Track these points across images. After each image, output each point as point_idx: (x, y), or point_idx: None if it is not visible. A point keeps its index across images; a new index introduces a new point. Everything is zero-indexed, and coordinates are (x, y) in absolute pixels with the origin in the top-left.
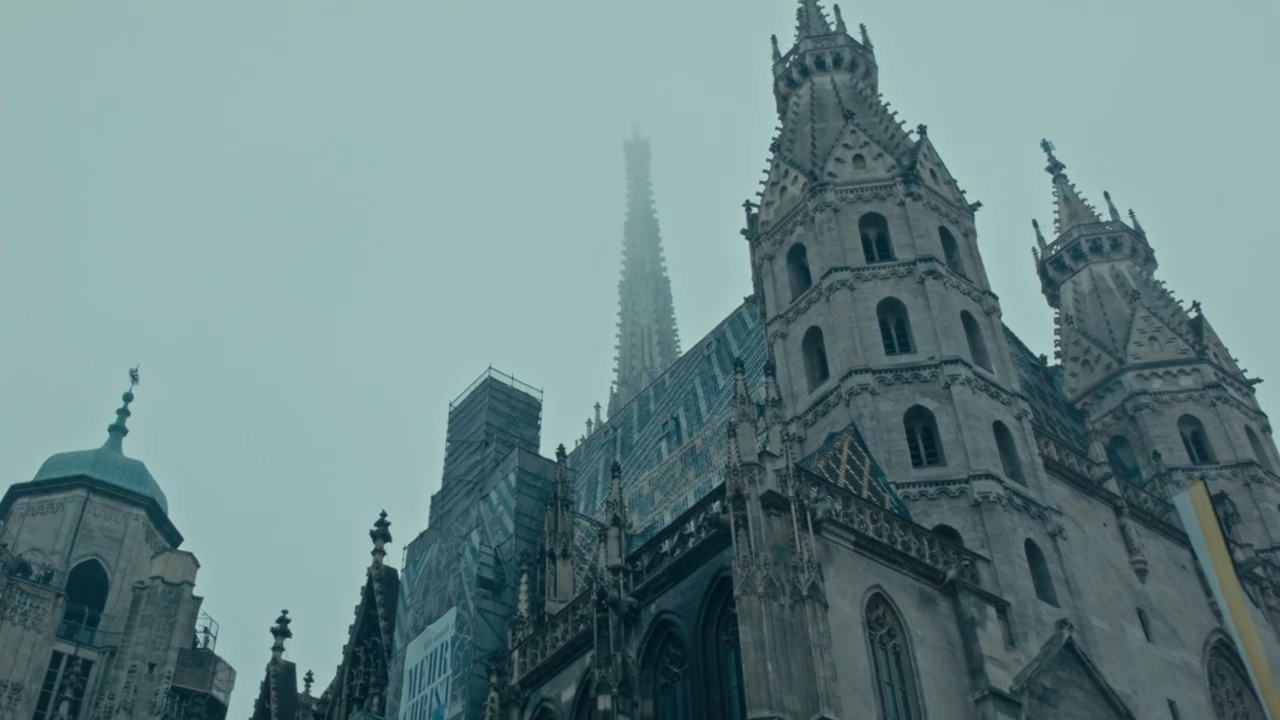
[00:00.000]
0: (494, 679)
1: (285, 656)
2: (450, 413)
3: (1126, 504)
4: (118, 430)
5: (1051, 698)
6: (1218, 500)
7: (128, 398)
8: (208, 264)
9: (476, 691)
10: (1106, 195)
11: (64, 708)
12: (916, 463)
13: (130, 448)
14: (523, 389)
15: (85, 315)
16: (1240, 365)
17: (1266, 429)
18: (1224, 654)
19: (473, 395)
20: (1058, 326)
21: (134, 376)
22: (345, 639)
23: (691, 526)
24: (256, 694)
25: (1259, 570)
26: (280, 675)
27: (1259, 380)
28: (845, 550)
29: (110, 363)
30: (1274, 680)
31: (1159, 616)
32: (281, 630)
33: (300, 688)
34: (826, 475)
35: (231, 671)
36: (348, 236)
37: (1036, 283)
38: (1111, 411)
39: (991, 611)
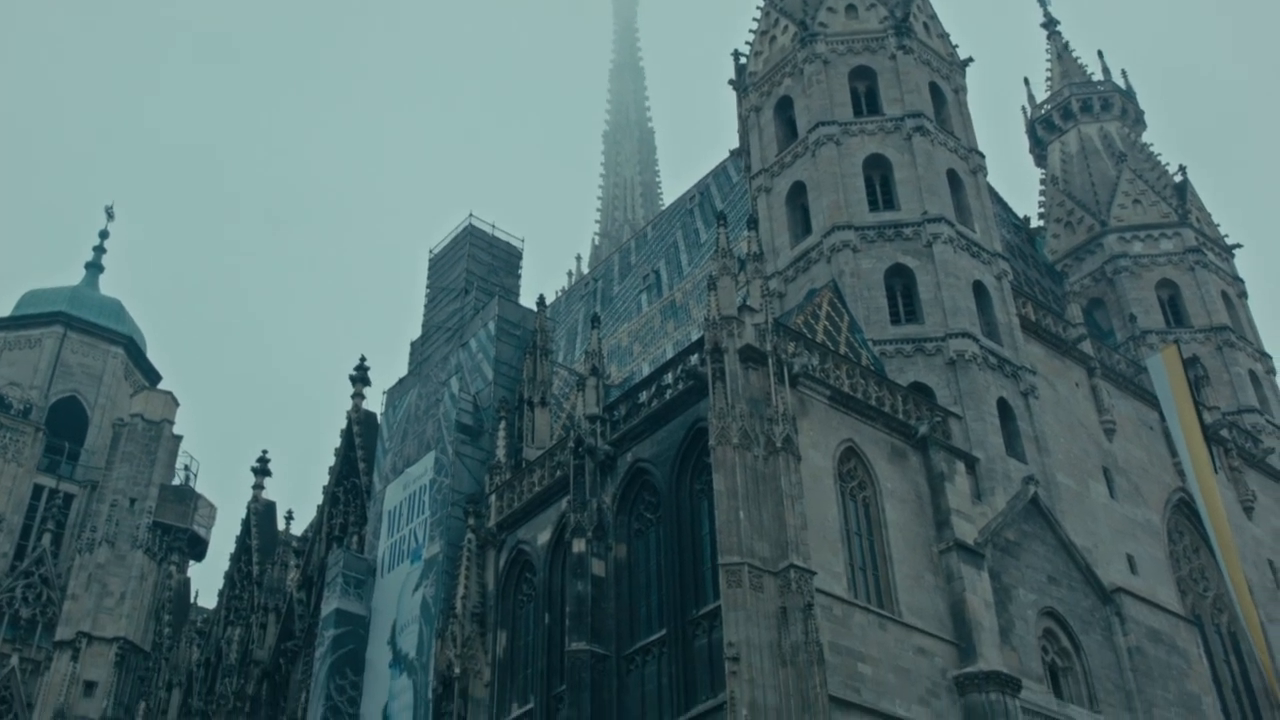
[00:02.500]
0: (471, 521)
1: (265, 495)
2: (430, 259)
3: (1099, 365)
4: (94, 268)
5: (1014, 550)
6: (1190, 364)
7: (104, 234)
8: (185, 100)
9: (454, 533)
10: (1100, 54)
11: (46, 539)
12: (895, 320)
13: (107, 285)
14: (503, 237)
15: (59, 150)
16: (1222, 231)
17: (1243, 294)
18: (1184, 512)
19: (453, 242)
20: (1043, 188)
21: (109, 213)
22: (325, 480)
23: (669, 378)
24: (237, 531)
25: (1225, 433)
26: (260, 513)
27: (1239, 246)
28: (820, 404)
29: (85, 199)
30: (1231, 537)
31: (1124, 474)
32: (262, 469)
33: (281, 525)
34: (805, 331)
35: (212, 508)
36: (327, 79)
37: (1025, 143)
38: (1091, 274)
39: (961, 466)
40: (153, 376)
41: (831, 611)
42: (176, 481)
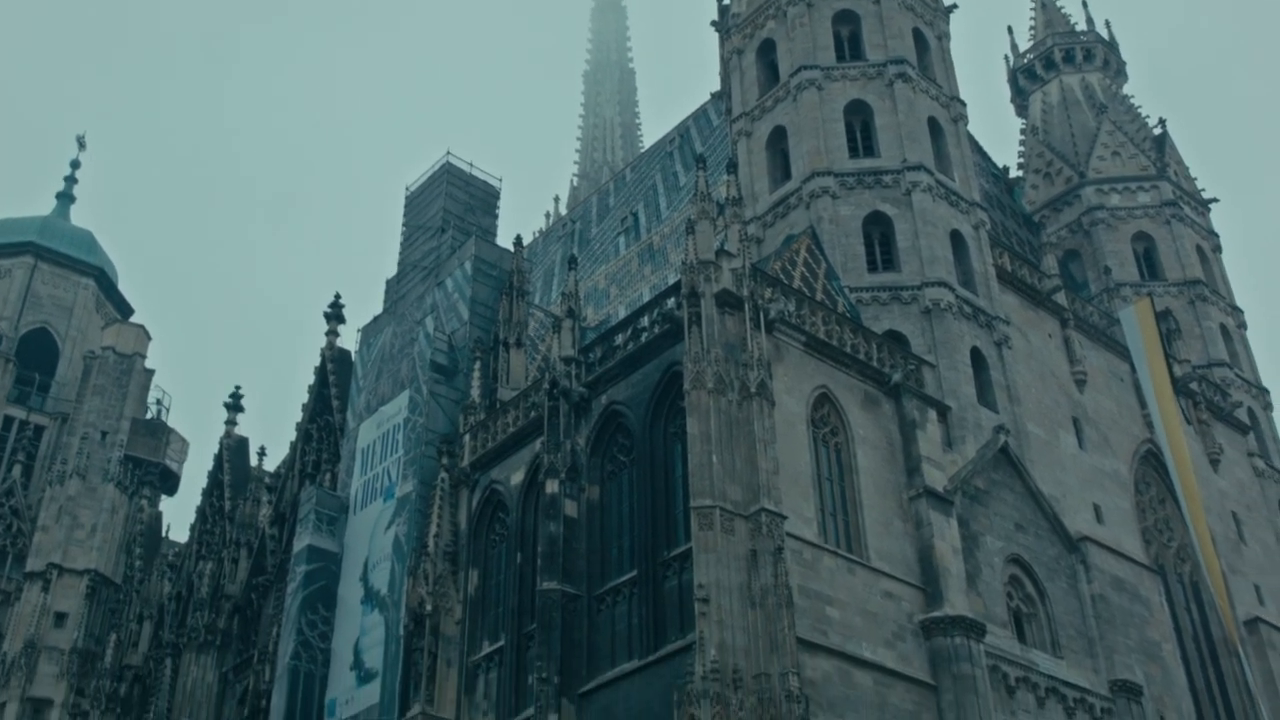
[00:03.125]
0: (444, 460)
1: (238, 431)
2: (407, 197)
3: (1073, 316)
4: (65, 198)
5: (983, 498)
6: (1162, 317)
7: (75, 164)
8: (155, 28)
9: (427, 472)
10: (1084, 3)
11: (16, 470)
12: (872, 268)
13: (79, 217)
14: (481, 176)
15: (29, 79)
16: (1199, 185)
17: (1217, 249)
18: (1151, 463)
19: (430, 180)
20: (1023, 138)
21: (81, 143)
22: (298, 417)
23: (645, 321)
24: (209, 466)
25: (1194, 386)
26: (233, 448)
27: (1215, 200)
28: (795, 350)
29: (56, 129)
30: (1196, 489)
31: (1093, 425)
32: (234, 405)
33: (253, 461)
34: (782, 276)
35: (184, 443)
36: (304, 10)
37: (1006, 92)
38: (1068, 225)
39: (932, 414)
40: (124, 309)
41: (801, 555)
42: (148, 415)
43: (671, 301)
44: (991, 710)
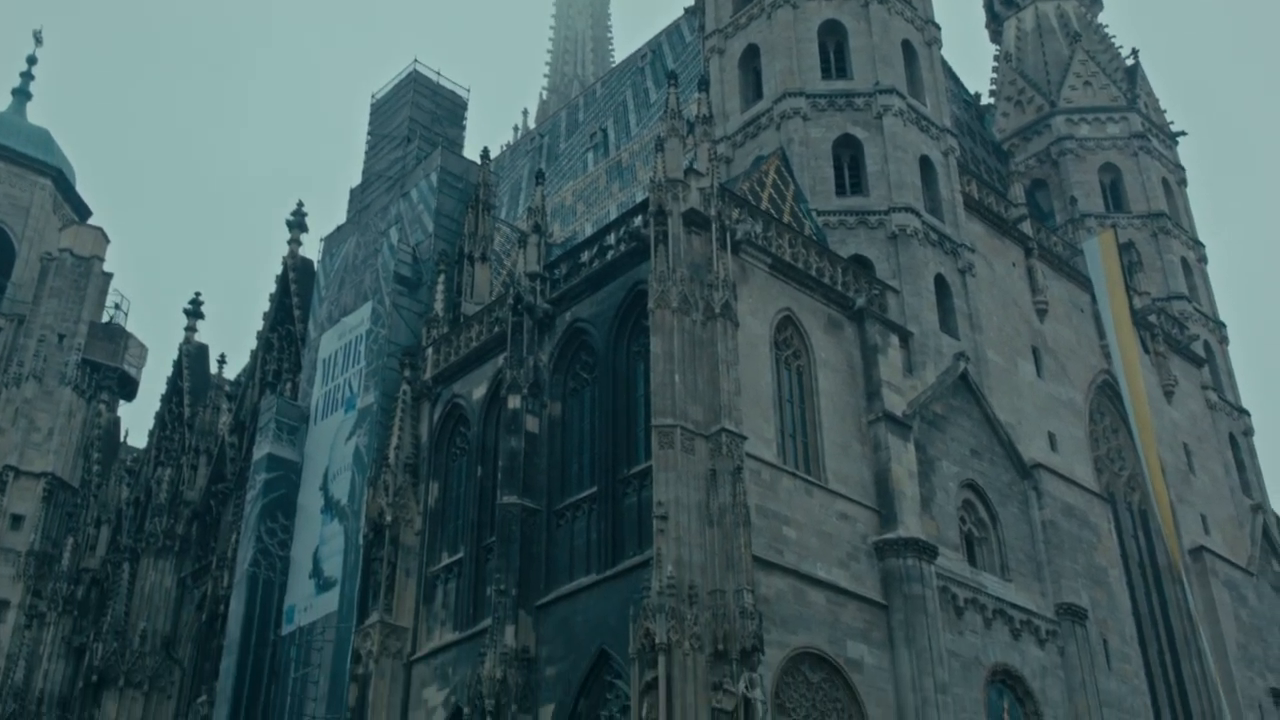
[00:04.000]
0: (407, 373)
1: (198, 338)
2: (373, 105)
3: (1037, 246)
4: (22, 94)
5: (940, 423)
6: (1125, 249)
7: (32, 60)
8: None
9: (389, 384)
10: None
11: None
12: (840, 191)
13: (35, 114)
14: (449, 86)
15: None
16: (1168, 117)
17: (1183, 182)
18: (1107, 393)
19: (396, 88)
20: (996, 64)
21: (38, 39)
22: (259, 325)
23: (611, 239)
24: (169, 372)
25: (1153, 318)
26: (193, 355)
27: (1183, 133)
28: (760, 272)
29: (12, 25)
30: (1150, 420)
31: (1052, 354)
32: (194, 311)
33: (213, 369)
34: (750, 197)
35: (143, 349)
36: None
37: (981, 17)
38: (1036, 154)
39: (895, 340)
40: (83, 211)
41: (760, 476)
42: (106, 320)
43: (638, 220)
44: (940, 630)
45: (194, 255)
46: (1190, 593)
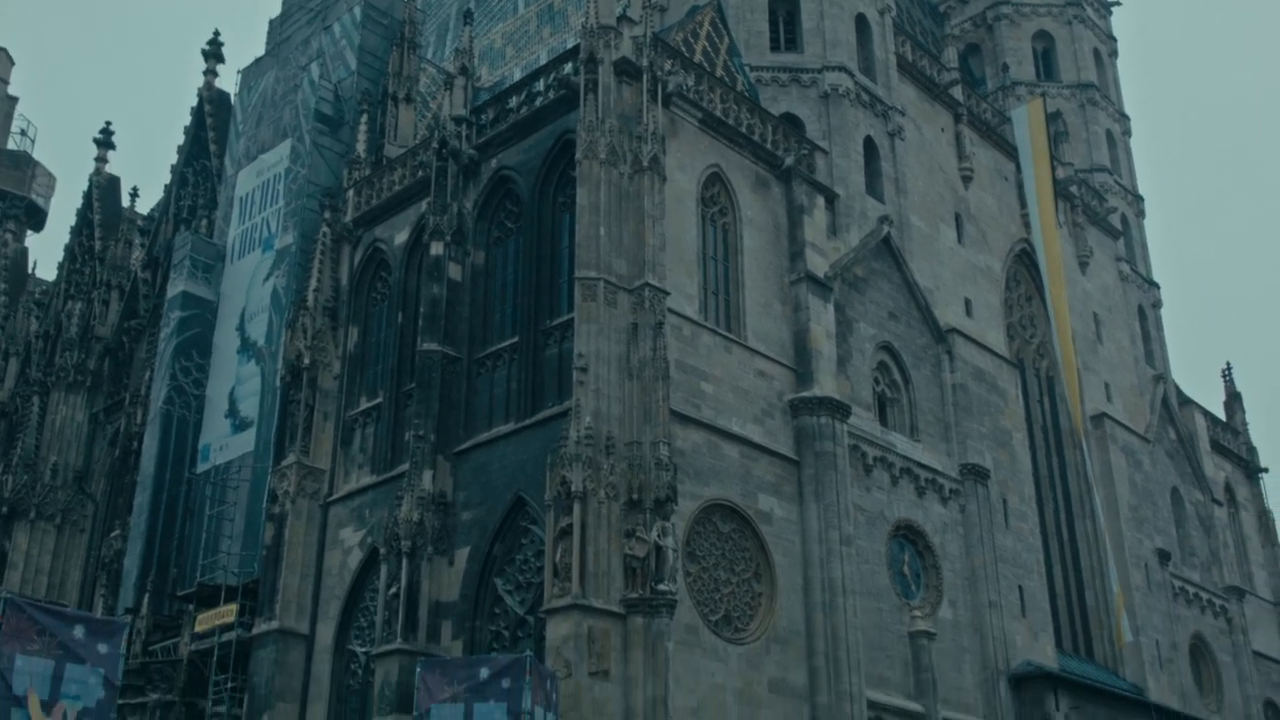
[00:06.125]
0: (327, 215)
1: (109, 169)
2: None
3: (967, 112)
4: None
5: (861, 286)
6: (1052, 118)
7: None
8: None
9: (308, 225)
10: None
11: None
12: (775, 47)
13: None
14: None
15: None
16: None
17: (1114, 53)
18: (1024, 262)
19: None
20: None
21: None
22: (173, 159)
23: (541, 85)
24: (79, 204)
25: (1074, 189)
26: (103, 187)
27: (1117, 3)
28: (690, 126)
29: None
30: (1064, 289)
31: (974, 221)
32: (105, 141)
33: (125, 202)
34: (683, 49)
35: (51, 178)
36: None
37: None
38: (972, 18)
39: (821, 201)
40: None
41: (681, 331)
42: (12, 146)
43: (569, 67)
44: (848, 486)
45: (106, 84)
46: (1089, 457)
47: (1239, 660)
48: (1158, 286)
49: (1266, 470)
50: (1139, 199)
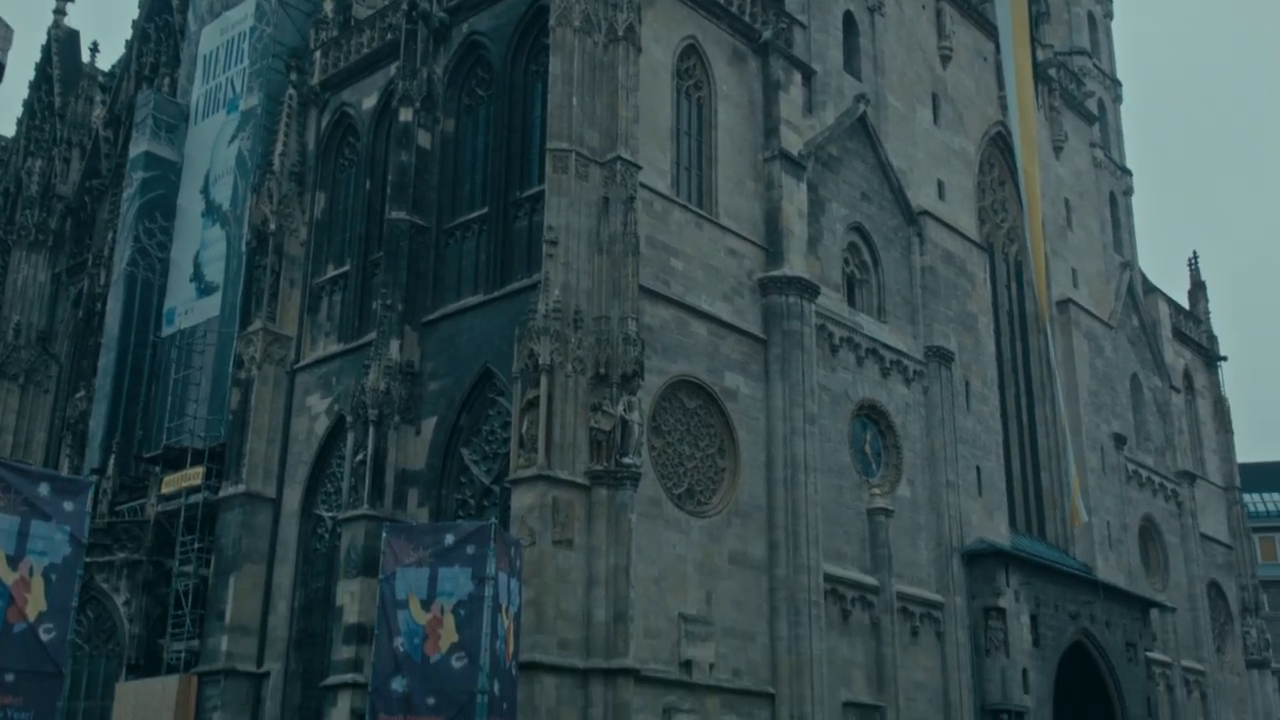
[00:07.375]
0: (293, 76)
1: (68, 22)
2: None
3: None
4: None
5: (834, 165)
6: None
7: None
8: None
9: (274, 86)
10: None
11: None
12: None
13: None
14: None
15: None
16: None
17: None
18: (999, 145)
19: None
20: None
21: None
22: (135, 14)
23: None
24: (38, 58)
25: (1052, 71)
26: (63, 41)
27: None
28: None
29: None
30: (1037, 174)
31: (950, 102)
32: None
33: (85, 57)
34: None
35: (9, 30)
36: None
37: None
38: None
39: (797, 77)
40: None
41: (652, 206)
42: None
43: None
44: (814, 365)
45: None
46: (1052, 342)
47: (1186, 542)
48: (1130, 174)
49: (1225, 359)
50: (1117, 84)
